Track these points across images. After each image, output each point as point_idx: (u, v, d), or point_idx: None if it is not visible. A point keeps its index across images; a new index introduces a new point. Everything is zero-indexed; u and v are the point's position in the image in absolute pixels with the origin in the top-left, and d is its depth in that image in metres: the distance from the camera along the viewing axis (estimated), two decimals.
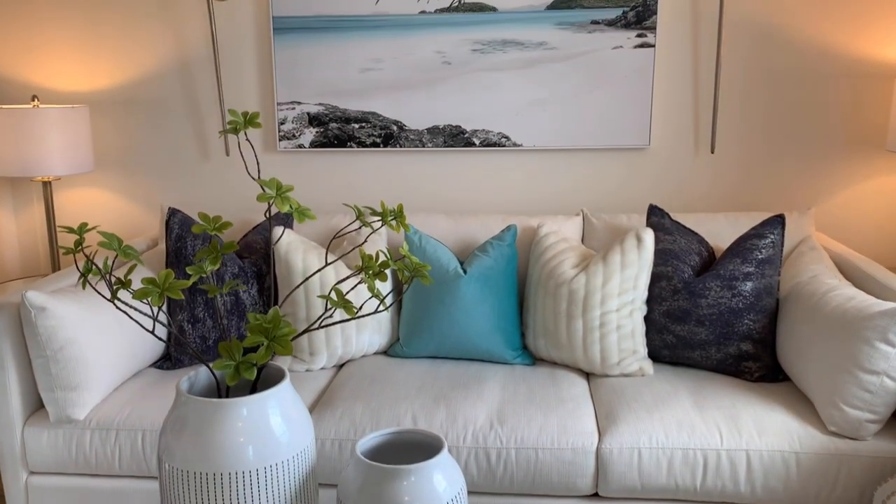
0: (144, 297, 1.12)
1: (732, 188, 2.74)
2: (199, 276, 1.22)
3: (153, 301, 1.11)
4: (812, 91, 2.64)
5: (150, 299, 1.10)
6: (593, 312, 2.18)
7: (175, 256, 2.35)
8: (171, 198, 2.91)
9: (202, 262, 1.22)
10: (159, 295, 1.12)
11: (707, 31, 2.62)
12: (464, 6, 2.66)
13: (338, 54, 2.73)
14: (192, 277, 1.22)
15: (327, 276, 2.23)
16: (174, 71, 2.82)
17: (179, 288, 1.13)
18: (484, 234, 2.51)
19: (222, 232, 1.24)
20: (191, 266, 1.22)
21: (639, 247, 2.20)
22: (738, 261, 2.18)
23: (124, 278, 1.22)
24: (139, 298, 1.11)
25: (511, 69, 2.70)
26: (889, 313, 1.79)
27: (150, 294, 1.12)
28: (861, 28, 2.57)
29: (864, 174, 2.68)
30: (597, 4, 2.61)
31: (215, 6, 2.74)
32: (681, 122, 2.70)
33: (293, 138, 2.81)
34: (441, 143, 2.78)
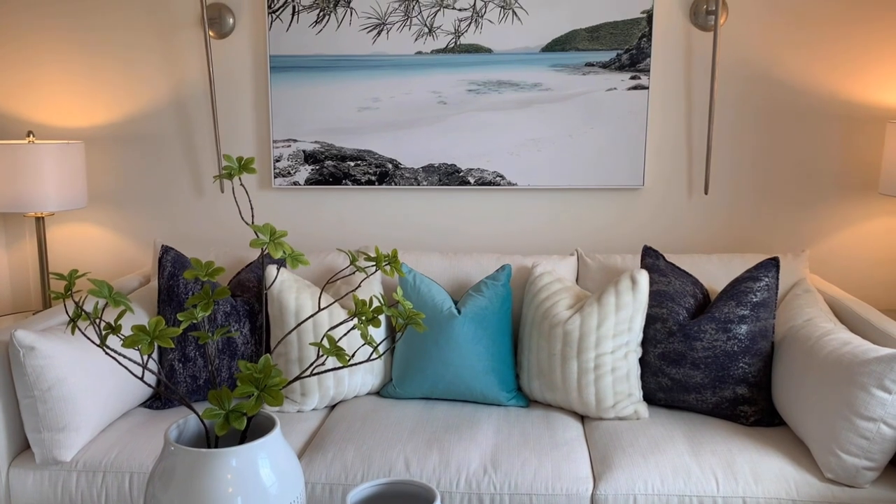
0: (134, 345, 1.10)
1: (726, 229, 2.74)
2: (190, 322, 1.21)
3: (143, 350, 1.09)
4: (805, 133, 2.66)
5: (139, 347, 1.08)
6: (588, 354, 2.17)
7: (167, 294, 2.33)
8: (164, 234, 2.90)
9: (193, 309, 1.21)
10: (149, 343, 1.10)
11: (700, 73, 2.65)
12: (460, 48, 2.69)
13: (335, 93, 2.75)
14: (182, 324, 1.20)
15: (320, 318, 2.22)
16: (170, 107, 2.83)
17: (170, 336, 1.12)
18: (478, 274, 2.50)
19: (215, 277, 1.23)
20: (182, 312, 1.21)
21: (633, 288, 2.20)
22: (733, 303, 2.18)
23: (114, 323, 1.20)
24: (129, 346, 1.10)
25: (506, 109, 2.72)
26: (885, 359, 1.78)
27: (140, 342, 1.10)
28: (853, 72, 2.61)
29: (857, 217, 2.69)
30: (591, 47, 2.64)
31: (213, 44, 2.76)
32: (675, 163, 2.72)
33: (288, 175, 2.81)
34: (436, 181, 2.78)
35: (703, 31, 2.62)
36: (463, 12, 2.66)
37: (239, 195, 2.84)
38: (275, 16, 2.71)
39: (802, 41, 2.60)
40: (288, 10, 2.70)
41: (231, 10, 2.74)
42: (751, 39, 2.62)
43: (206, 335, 1.22)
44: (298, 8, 2.69)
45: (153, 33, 2.78)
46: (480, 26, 2.67)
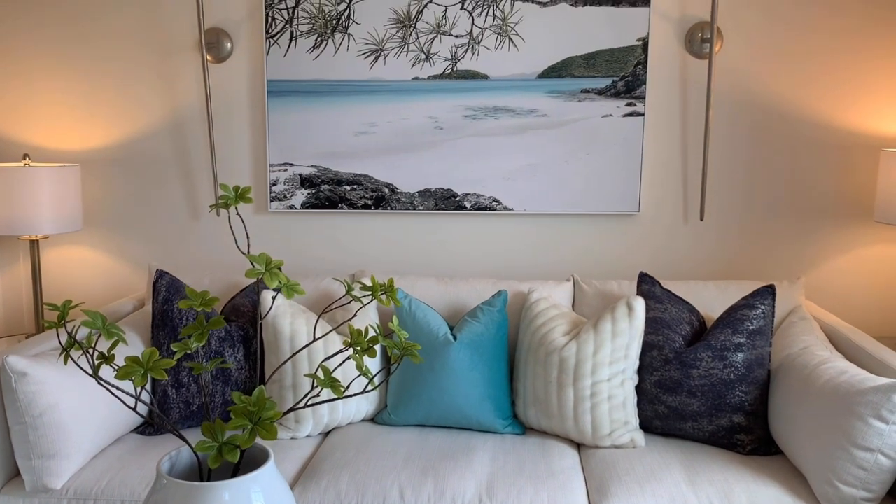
0: (127, 376, 1.09)
1: (722, 256, 2.75)
2: (184, 353, 1.20)
3: (136, 382, 1.08)
4: (800, 160, 2.67)
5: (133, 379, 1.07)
6: (584, 381, 2.16)
7: (161, 319, 2.32)
8: (159, 257, 2.89)
9: (188, 339, 1.20)
10: (142, 375, 1.09)
11: (695, 100, 2.67)
12: (456, 74, 2.70)
13: (332, 118, 2.76)
14: (176, 354, 1.19)
15: (315, 346, 2.20)
16: (167, 131, 2.83)
17: (164, 367, 1.11)
18: (474, 299, 2.50)
19: (210, 308, 1.22)
20: (176, 343, 1.20)
21: (630, 315, 2.19)
22: (729, 331, 2.17)
23: (107, 353, 1.19)
24: (122, 378, 1.09)
25: (502, 135, 2.73)
26: (882, 389, 1.78)
27: (134, 374, 1.09)
28: (848, 100, 2.63)
29: (852, 244, 2.70)
30: (587, 74, 2.66)
31: (211, 69, 2.77)
32: (670, 189, 2.73)
33: (284, 199, 2.81)
34: (432, 206, 2.79)
35: (698, 58, 2.64)
36: (460, 39, 2.68)
37: (235, 223, 2.84)
38: (273, 41, 2.72)
39: (797, 70, 2.62)
40: (286, 35, 2.71)
41: (229, 34, 2.75)
42: (745, 67, 2.64)
43: (199, 366, 1.21)
44: (296, 33, 2.71)
45: (151, 57, 2.79)
46: (477, 53, 2.68)
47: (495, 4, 2.64)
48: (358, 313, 2.28)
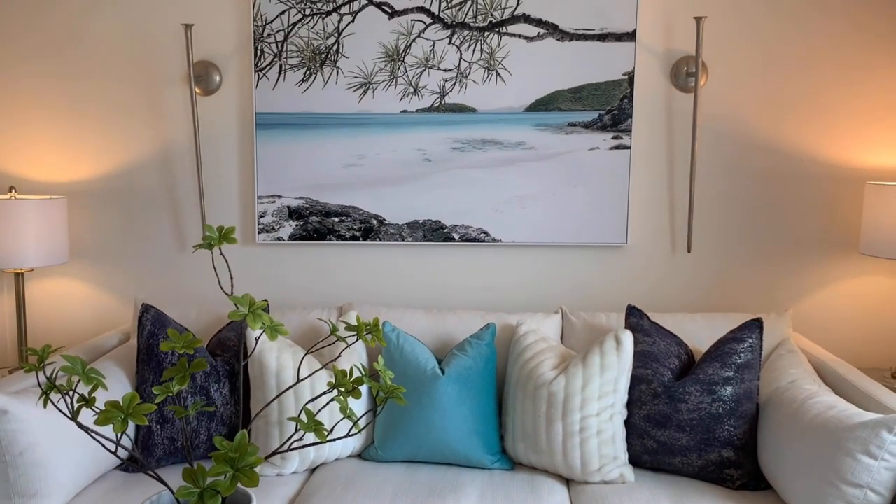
0: (107, 422, 1.08)
1: (710, 288, 2.75)
2: (165, 396, 1.19)
3: (116, 428, 1.06)
4: (786, 193, 2.69)
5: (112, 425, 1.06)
6: (573, 416, 2.14)
7: (146, 354, 2.30)
8: (146, 290, 2.87)
9: (170, 382, 1.19)
10: (122, 420, 1.08)
11: (681, 133, 2.69)
12: (445, 107, 2.72)
13: (320, 150, 2.76)
14: (158, 398, 1.18)
15: (302, 375, 2.18)
16: (155, 163, 2.83)
17: (144, 413, 1.09)
18: (463, 332, 2.49)
19: (192, 350, 1.21)
20: (157, 386, 1.19)
21: (618, 349, 2.19)
22: (718, 365, 2.17)
23: (88, 395, 1.18)
24: (101, 425, 1.07)
25: (490, 167, 2.74)
26: (870, 425, 1.78)
27: (114, 419, 1.08)
28: (832, 133, 2.65)
29: (838, 276, 2.71)
30: (574, 108, 2.68)
31: (199, 101, 2.78)
32: (658, 221, 2.74)
33: (272, 231, 2.80)
34: (421, 237, 2.78)
35: (683, 92, 2.66)
36: (448, 73, 2.70)
37: (220, 263, 2.82)
38: (261, 74, 2.73)
39: (782, 103, 2.65)
40: (275, 68, 2.73)
41: (218, 67, 2.76)
42: (731, 101, 2.66)
43: (182, 410, 1.20)
44: (285, 67, 2.72)
45: (139, 89, 2.79)
46: (465, 86, 2.70)
47: (483, 39, 2.67)
48: (344, 350, 2.26)
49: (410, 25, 2.68)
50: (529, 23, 2.65)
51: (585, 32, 2.63)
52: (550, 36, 2.65)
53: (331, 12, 2.69)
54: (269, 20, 2.70)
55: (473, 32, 2.67)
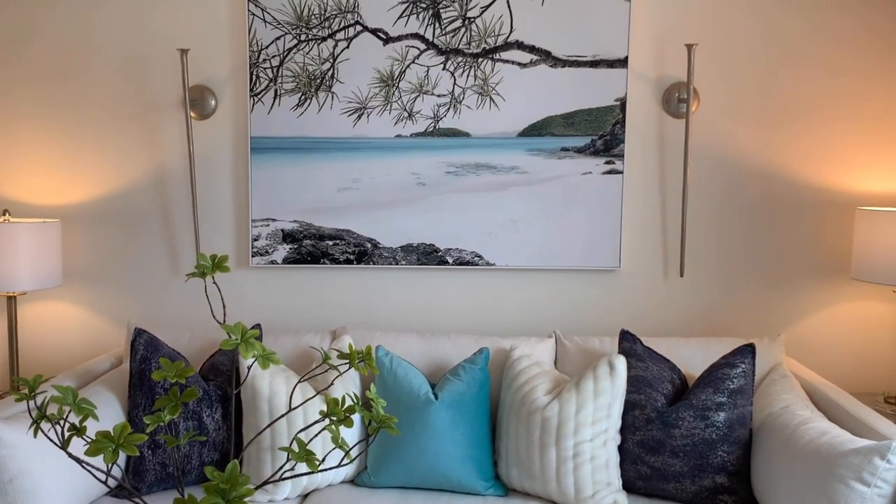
0: (97, 453, 1.07)
1: (702, 312, 2.76)
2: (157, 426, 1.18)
3: (106, 458, 1.06)
4: (778, 218, 2.71)
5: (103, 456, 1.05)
6: (567, 442, 2.14)
7: (139, 378, 2.29)
8: (139, 313, 2.86)
9: (161, 412, 1.18)
10: (113, 451, 1.07)
11: (673, 158, 2.71)
12: (439, 131, 2.74)
13: (315, 174, 2.77)
14: (149, 427, 1.17)
15: (294, 400, 2.18)
16: (149, 186, 2.83)
17: (135, 443, 1.09)
18: (456, 356, 2.49)
19: (183, 379, 1.20)
20: (148, 415, 1.18)
21: (611, 374, 2.19)
22: (711, 390, 2.17)
23: (79, 424, 1.17)
24: (92, 455, 1.07)
25: (484, 191, 2.75)
26: (863, 451, 1.78)
27: (104, 450, 1.07)
28: (822, 158, 2.68)
29: (830, 300, 2.73)
30: (566, 133, 2.70)
31: (194, 125, 2.79)
32: (650, 245, 2.75)
33: (266, 254, 2.81)
34: (415, 261, 2.79)
35: (675, 118, 2.69)
36: (442, 98, 2.72)
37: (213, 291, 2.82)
38: (257, 98, 2.75)
39: (773, 129, 2.68)
40: (270, 93, 2.74)
41: (213, 92, 2.78)
42: (722, 127, 2.69)
43: (173, 439, 1.20)
44: (280, 91, 2.74)
45: (135, 113, 2.81)
46: (459, 111, 2.72)
47: (476, 65, 2.69)
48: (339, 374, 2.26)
49: (405, 51, 2.70)
50: (522, 49, 2.67)
51: (578, 59, 2.66)
52: (543, 62, 2.67)
53: (326, 38, 2.71)
54: (264, 45, 2.72)
55: (467, 59, 2.69)
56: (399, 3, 2.68)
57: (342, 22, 2.70)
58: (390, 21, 2.69)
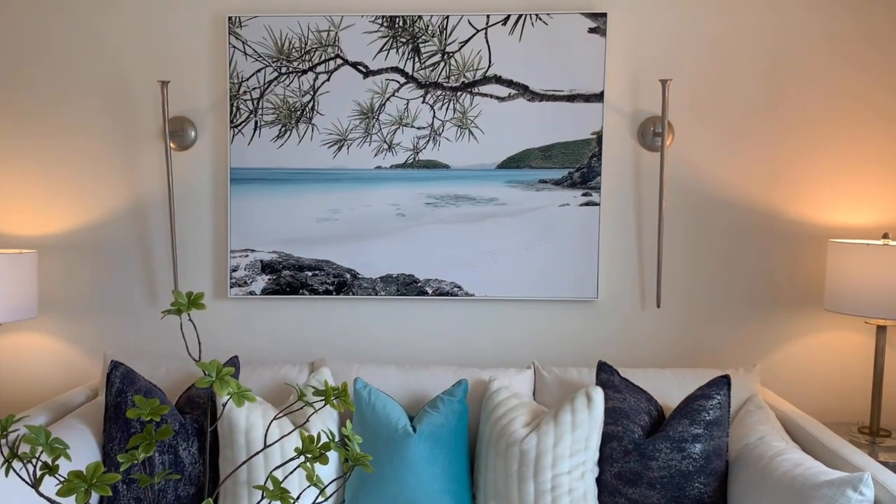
0: (69, 493, 1.06)
1: (679, 342, 2.79)
2: (130, 464, 1.18)
3: (78, 500, 1.05)
4: (752, 250, 2.75)
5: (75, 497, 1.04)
6: (545, 474, 2.14)
7: (114, 412, 2.27)
8: (116, 345, 2.84)
9: (135, 451, 1.18)
10: (85, 491, 1.07)
11: (649, 191, 2.75)
12: (418, 163, 2.76)
13: (294, 205, 2.78)
14: (123, 465, 1.17)
15: (271, 434, 2.16)
16: (127, 216, 2.83)
17: (108, 483, 1.08)
18: (435, 388, 2.49)
19: (158, 417, 1.20)
20: (122, 454, 1.18)
21: (589, 406, 2.20)
22: (687, 422, 2.19)
23: (52, 463, 1.16)
24: (64, 496, 1.06)
25: (463, 222, 2.77)
26: (836, 483, 1.80)
27: (76, 490, 1.06)
28: (796, 191, 2.73)
29: (805, 331, 2.76)
30: (544, 165, 2.74)
31: (174, 156, 2.79)
32: (627, 276, 2.78)
33: (245, 285, 2.80)
34: (394, 291, 2.80)
35: (650, 151, 2.74)
36: (421, 130, 2.75)
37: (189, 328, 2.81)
38: (237, 130, 2.76)
39: (747, 162, 2.73)
40: (250, 124, 2.76)
41: (193, 123, 2.79)
42: (697, 160, 2.74)
43: (147, 478, 1.19)
44: (260, 123, 2.76)
45: (114, 144, 2.81)
46: (438, 144, 2.75)
47: (455, 98, 2.73)
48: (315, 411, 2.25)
49: (385, 85, 2.73)
50: (501, 83, 2.72)
51: (555, 93, 2.71)
52: (521, 96, 2.72)
53: (306, 71, 2.74)
54: (245, 77, 2.74)
55: (446, 92, 2.73)
56: (379, 38, 2.72)
57: (323, 55, 2.73)
58: (370, 55, 2.72)
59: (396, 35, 2.72)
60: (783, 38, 2.70)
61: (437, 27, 2.71)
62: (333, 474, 2.22)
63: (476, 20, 2.70)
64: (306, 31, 2.72)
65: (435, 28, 2.71)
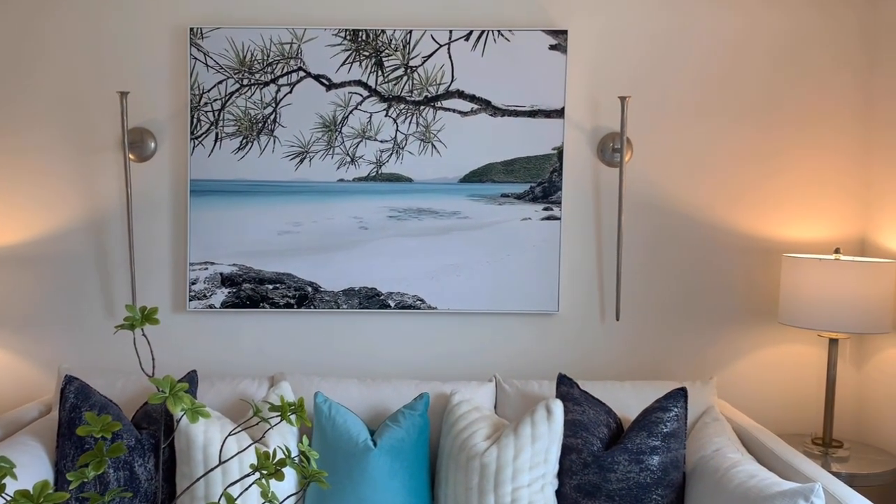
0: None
1: (638, 355, 2.82)
2: (80, 482, 1.15)
3: None
4: (709, 264, 2.80)
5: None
6: (505, 488, 2.15)
7: (67, 428, 2.22)
8: (72, 358, 2.78)
9: (85, 468, 1.16)
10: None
11: (608, 205, 2.79)
12: (381, 176, 2.76)
13: (255, 217, 2.76)
14: (72, 484, 1.14)
15: (228, 449, 2.14)
16: (85, 229, 2.78)
17: (57, 502, 1.06)
18: (397, 402, 2.48)
19: (109, 435, 1.18)
20: (72, 472, 1.15)
21: (549, 419, 2.22)
22: (645, 434, 2.22)
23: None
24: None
25: (426, 235, 2.78)
26: (788, 494, 1.83)
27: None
28: (750, 206, 2.79)
29: (760, 344, 2.82)
30: (506, 179, 2.76)
31: (133, 167, 2.76)
32: (587, 289, 2.81)
33: (204, 298, 2.77)
34: (356, 304, 2.79)
35: (609, 167, 2.78)
36: (384, 144, 2.75)
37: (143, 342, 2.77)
38: (197, 141, 2.74)
39: (704, 179, 2.78)
40: (211, 136, 2.74)
41: (153, 134, 2.76)
42: (655, 176, 2.78)
43: (97, 497, 1.17)
44: (222, 135, 2.74)
45: (71, 155, 2.76)
46: (401, 157, 2.76)
47: (419, 112, 2.74)
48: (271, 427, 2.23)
49: (348, 97, 2.74)
50: (463, 98, 2.74)
51: (517, 109, 2.73)
52: (483, 111, 2.74)
53: (269, 83, 2.73)
54: (206, 89, 2.72)
55: (409, 106, 2.74)
56: (342, 51, 2.72)
57: (285, 67, 2.73)
58: (333, 68, 2.73)
59: (360, 48, 2.73)
60: (742, 60, 2.76)
61: (400, 41, 2.72)
62: (293, 489, 2.20)
63: (439, 35, 2.72)
64: (269, 44, 2.72)
65: (398, 42, 2.72)
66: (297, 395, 2.48)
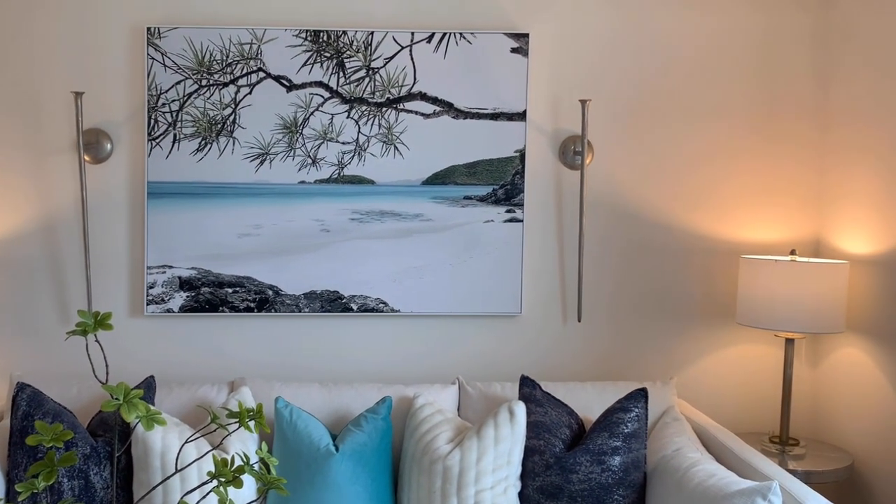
0: None
1: (599, 356, 2.84)
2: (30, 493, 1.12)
3: None
4: (669, 265, 2.84)
5: None
6: (468, 491, 2.15)
7: (19, 436, 2.16)
8: (26, 365, 2.70)
9: (34, 479, 1.12)
10: None
11: (570, 208, 2.81)
12: (343, 178, 2.74)
13: (214, 219, 2.72)
14: (21, 495, 1.11)
15: (187, 456, 2.10)
16: (38, 231, 2.71)
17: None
18: (359, 405, 2.46)
19: (61, 444, 1.15)
20: (21, 483, 1.12)
21: (511, 421, 2.22)
22: (606, 435, 2.23)
23: None
24: None
25: (389, 238, 2.77)
26: (746, 492, 1.86)
27: None
28: (709, 209, 2.83)
29: (718, 344, 2.86)
30: (469, 182, 2.76)
31: (88, 169, 2.70)
32: (549, 291, 2.82)
33: (162, 303, 2.72)
34: (318, 308, 2.76)
35: (571, 169, 2.79)
36: (346, 145, 2.73)
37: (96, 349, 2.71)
38: (155, 143, 2.69)
39: (664, 181, 2.82)
40: (169, 137, 2.69)
41: (109, 135, 2.70)
42: (615, 178, 2.81)
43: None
44: (180, 136, 2.69)
45: (23, 156, 2.69)
46: (363, 159, 2.74)
47: (381, 114, 2.73)
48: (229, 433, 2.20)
49: (309, 99, 2.71)
50: (426, 100, 2.73)
51: (479, 111, 2.74)
52: (446, 114, 2.74)
53: (228, 84, 2.69)
54: (163, 90, 2.68)
55: (371, 108, 2.73)
56: (303, 52, 2.70)
57: (245, 68, 2.69)
58: (294, 69, 2.70)
59: (321, 49, 2.70)
60: (699, 64, 2.80)
61: (361, 43, 2.71)
62: (253, 495, 2.17)
63: (401, 37, 2.71)
64: (228, 44, 2.68)
65: (360, 44, 2.71)
66: (257, 400, 2.45)
